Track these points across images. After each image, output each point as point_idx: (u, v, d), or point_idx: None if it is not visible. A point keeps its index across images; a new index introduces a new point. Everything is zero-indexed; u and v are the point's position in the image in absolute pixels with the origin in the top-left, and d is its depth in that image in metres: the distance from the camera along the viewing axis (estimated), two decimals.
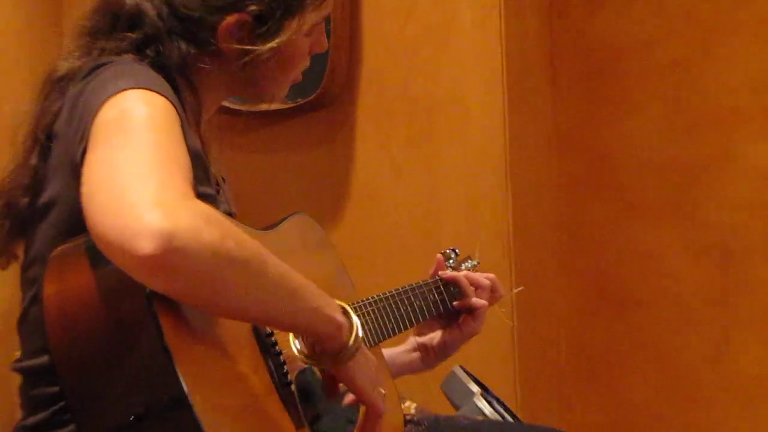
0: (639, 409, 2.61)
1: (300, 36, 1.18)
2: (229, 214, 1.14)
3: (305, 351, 1.04)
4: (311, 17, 1.18)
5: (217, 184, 1.21)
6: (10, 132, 1.10)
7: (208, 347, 1.02)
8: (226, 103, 1.64)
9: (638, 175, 2.54)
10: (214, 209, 0.88)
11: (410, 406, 1.67)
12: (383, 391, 1.11)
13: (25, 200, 1.05)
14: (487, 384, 1.62)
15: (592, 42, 2.50)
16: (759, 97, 2.40)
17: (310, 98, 2.04)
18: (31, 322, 1.03)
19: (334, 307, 1.01)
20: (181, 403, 0.86)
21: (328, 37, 1.55)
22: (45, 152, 1.04)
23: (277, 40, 1.13)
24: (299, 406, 1.11)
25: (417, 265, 1.59)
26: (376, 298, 1.40)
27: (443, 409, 1.52)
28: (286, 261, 1.01)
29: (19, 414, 1.04)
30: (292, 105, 2.03)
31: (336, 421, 1.19)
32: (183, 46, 1.11)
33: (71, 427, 0.94)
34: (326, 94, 2.05)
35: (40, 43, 2.10)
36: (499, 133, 2.04)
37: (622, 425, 2.65)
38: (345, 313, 1.03)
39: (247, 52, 1.12)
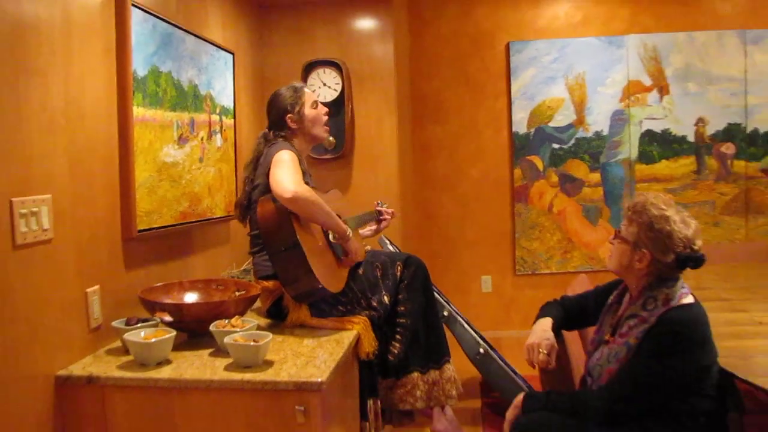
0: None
1: (309, 108, 2.79)
2: (313, 188, 2.54)
3: (334, 237, 2.67)
4: (306, 102, 2.78)
5: (309, 178, 2.67)
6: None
7: (306, 230, 2.49)
8: (312, 154, 4.15)
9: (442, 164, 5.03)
10: (309, 187, 2.42)
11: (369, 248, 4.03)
12: (357, 247, 2.71)
13: (247, 189, 2.72)
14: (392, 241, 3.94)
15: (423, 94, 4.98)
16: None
17: (338, 154, 4.16)
18: (252, 223, 2.68)
19: (342, 223, 2.58)
20: (298, 245, 2.39)
21: (341, 129, 4.02)
22: (255, 167, 2.73)
23: (299, 111, 2.76)
24: (333, 249, 2.69)
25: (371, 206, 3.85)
26: (359, 214, 3.12)
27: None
28: (328, 202, 2.52)
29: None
30: (331, 156, 4.16)
31: (339, 252, 2.67)
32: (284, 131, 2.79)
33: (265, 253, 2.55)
34: (343, 153, 4.17)
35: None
36: (395, 159, 4.30)
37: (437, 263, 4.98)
38: (346, 225, 2.62)
39: (298, 122, 2.78)
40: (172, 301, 2.50)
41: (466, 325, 3.65)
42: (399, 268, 2.84)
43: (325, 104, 4.05)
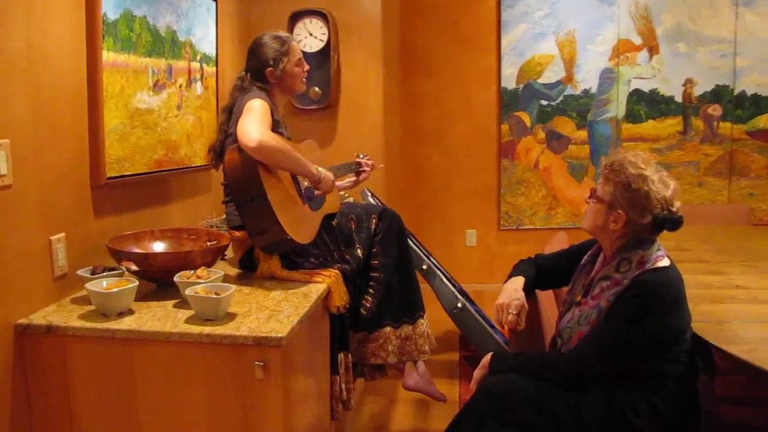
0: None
1: (291, 66, 2.59)
2: (288, 139, 2.53)
3: (307, 182, 2.50)
4: (291, 59, 2.58)
5: (284, 128, 2.56)
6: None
7: (275, 179, 2.28)
8: (296, 104, 4.00)
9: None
10: (277, 134, 2.29)
11: (349, 200, 3.91)
12: (330, 191, 2.52)
13: (221, 137, 2.56)
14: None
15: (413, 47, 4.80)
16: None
17: (323, 105, 4.04)
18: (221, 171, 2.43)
19: (312, 166, 2.38)
20: (264, 195, 2.19)
21: (327, 80, 3.85)
22: (228, 116, 2.52)
23: (282, 68, 2.55)
24: (305, 197, 2.48)
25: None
26: (337, 165, 2.87)
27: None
28: (300, 152, 2.37)
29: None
30: (316, 107, 4.03)
31: (316, 202, 2.53)
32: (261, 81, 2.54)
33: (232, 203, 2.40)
34: (328, 104, 4.03)
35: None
36: (380, 112, 4.15)
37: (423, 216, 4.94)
38: (317, 167, 2.42)
39: (277, 78, 2.56)
40: (139, 250, 2.38)
41: (444, 279, 3.55)
42: (374, 221, 2.71)
43: (310, 54, 3.94)
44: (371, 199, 3.62)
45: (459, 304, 3.43)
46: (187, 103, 3.07)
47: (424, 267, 3.54)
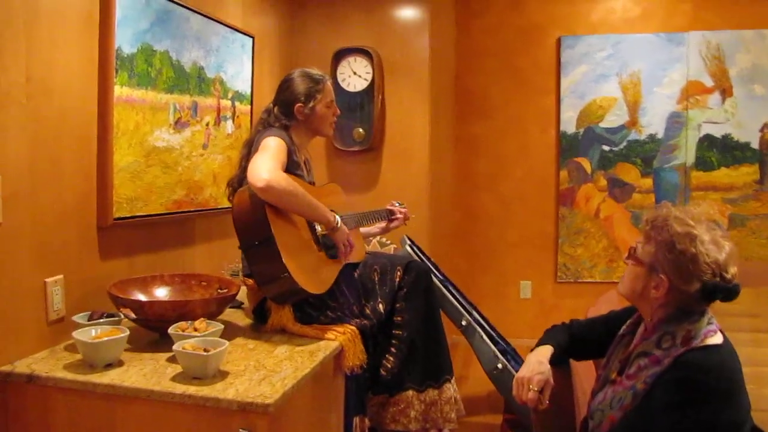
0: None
1: (322, 106, 2.45)
2: (310, 182, 2.44)
3: (322, 229, 2.34)
4: (323, 99, 2.44)
5: (305, 171, 2.43)
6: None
7: (286, 223, 2.15)
8: (338, 145, 3.86)
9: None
10: (287, 175, 2.10)
11: (388, 244, 3.70)
12: (351, 244, 2.33)
13: (239, 173, 2.37)
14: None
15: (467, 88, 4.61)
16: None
17: (366, 147, 3.89)
18: None
19: (329, 212, 2.23)
20: (271, 239, 2.06)
21: (370, 120, 3.69)
22: (249, 150, 2.33)
23: (312, 107, 2.40)
24: (321, 244, 2.34)
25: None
26: (367, 211, 2.77)
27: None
28: (320, 197, 2.24)
29: None
30: (359, 148, 3.89)
31: (331, 249, 2.36)
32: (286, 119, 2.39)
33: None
34: (371, 146, 3.88)
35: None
36: (426, 155, 3.94)
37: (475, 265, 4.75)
38: (333, 214, 2.27)
39: (306, 116, 2.41)
40: (143, 295, 2.26)
41: (485, 337, 3.30)
42: (399, 273, 2.52)
43: (354, 93, 3.82)
44: (408, 248, 3.42)
45: (499, 365, 3.17)
46: (214, 141, 2.98)
47: (463, 323, 3.31)
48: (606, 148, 4.70)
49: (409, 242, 3.54)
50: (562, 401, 1.95)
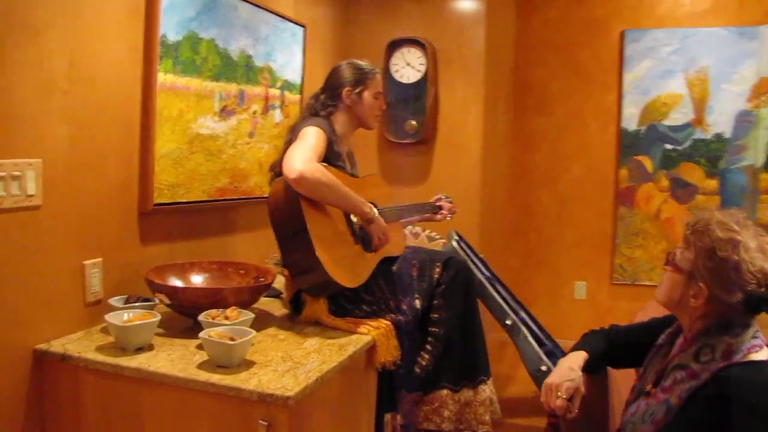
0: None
1: (370, 95, 2.45)
2: (352, 174, 2.40)
3: (358, 220, 2.30)
4: (372, 88, 2.44)
5: (347, 162, 2.40)
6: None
7: (322, 214, 2.12)
8: (390, 137, 3.82)
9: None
10: (324, 166, 2.09)
11: (437, 239, 3.63)
12: (386, 237, 2.30)
13: (281, 157, 2.20)
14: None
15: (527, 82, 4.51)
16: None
17: (417, 139, 3.83)
18: None
19: (365, 203, 2.20)
20: (305, 230, 2.04)
21: (422, 112, 3.64)
22: (291, 141, 2.25)
23: (359, 92, 2.40)
24: (358, 237, 2.29)
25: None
26: (410, 204, 2.77)
27: None
28: (361, 189, 2.21)
29: None
30: (411, 141, 3.83)
31: (368, 242, 2.32)
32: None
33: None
34: (424, 138, 3.82)
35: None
36: (479, 149, 3.86)
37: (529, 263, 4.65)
38: (370, 205, 2.23)
39: (353, 101, 2.42)
40: (178, 281, 2.29)
41: (530, 338, 3.22)
42: (437, 269, 2.46)
43: (407, 85, 3.78)
44: (455, 244, 3.36)
45: (543, 367, 3.09)
46: (261, 130, 2.98)
47: (508, 322, 3.24)
48: (669, 146, 4.51)
49: (456, 237, 3.48)
50: (594, 410, 1.87)
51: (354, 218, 2.35)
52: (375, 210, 2.30)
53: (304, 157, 2.10)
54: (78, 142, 2.05)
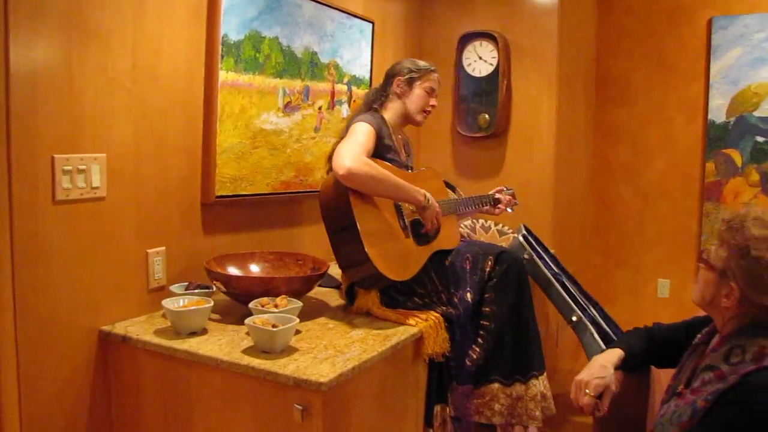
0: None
1: (420, 88, 2.50)
2: (407, 166, 2.48)
3: (412, 212, 2.37)
4: (424, 82, 2.49)
5: (400, 154, 2.45)
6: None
7: (372, 209, 2.18)
8: (462, 131, 3.82)
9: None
10: (373, 159, 2.17)
11: (509, 232, 3.59)
12: (439, 221, 2.34)
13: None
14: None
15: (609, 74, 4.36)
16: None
17: (489, 132, 3.80)
18: None
19: (419, 191, 2.25)
20: (353, 225, 2.11)
21: (495, 106, 3.62)
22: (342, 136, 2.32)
23: (409, 81, 2.47)
24: (409, 231, 2.34)
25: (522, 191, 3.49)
26: (462, 198, 2.73)
27: None
28: (414, 182, 2.29)
29: None
30: (483, 134, 3.80)
31: (424, 237, 2.39)
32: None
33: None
34: (496, 132, 3.79)
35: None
36: (552, 143, 3.78)
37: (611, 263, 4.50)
38: (423, 192, 2.26)
39: (402, 90, 2.49)
40: (236, 270, 2.39)
41: (596, 336, 3.15)
42: (489, 263, 2.46)
43: (480, 78, 3.77)
44: (521, 238, 3.33)
45: None
46: (327, 125, 3.06)
47: (573, 319, 3.18)
48: (761, 139, 4.27)
49: (524, 231, 3.45)
50: (629, 409, 1.82)
51: (405, 212, 2.38)
52: (430, 196, 2.32)
53: (352, 153, 2.15)
54: (142, 138, 2.18)
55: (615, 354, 1.84)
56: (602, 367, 1.78)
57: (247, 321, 1.93)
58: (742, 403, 1.42)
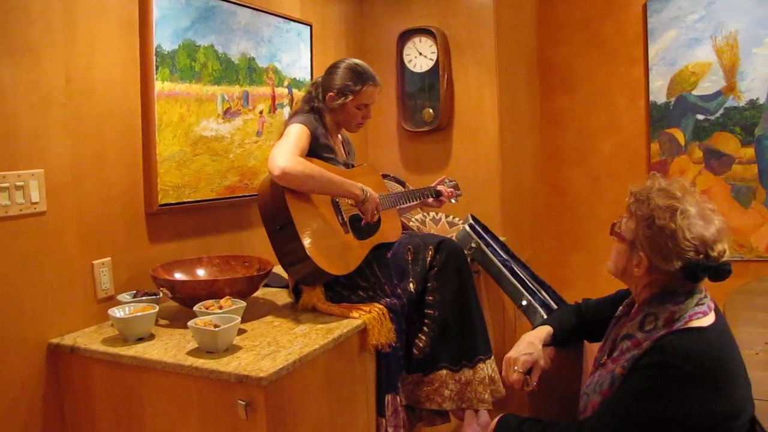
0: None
1: (352, 106, 2.53)
2: (346, 164, 2.59)
3: (351, 202, 2.44)
4: (357, 100, 2.51)
5: (338, 153, 2.54)
6: None
7: (309, 207, 2.27)
8: (407, 127, 3.93)
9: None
10: (302, 159, 2.22)
11: (458, 223, 3.71)
12: (378, 210, 2.42)
13: None
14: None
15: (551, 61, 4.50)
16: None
17: (434, 126, 3.90)
18: None
19: (355, 185, 2.32)
20: (291, 223, 2.19)
21: (438, 100, 3.72)
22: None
23: (341, 103, 2.50)
24: (347, 224, 2.43)
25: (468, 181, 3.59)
26: (402, 191, 2.91)
27: None
28: (352, 178, 2.39)
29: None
30: (428, 129, 3.91)
31: (363, 231, 2.47)
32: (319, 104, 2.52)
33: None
34: (441, 125, 3.89)
35: None
36: (496, 132, 3.92)
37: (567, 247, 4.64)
38: (361, 186, 2.35)
39: (334, 108, 2.52)
40: (182, 276, 2.46)
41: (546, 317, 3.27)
42: (430, 252, 2.56)
43: (421, 74, 3.87)
44: (467, 227, 3.43)
45: None
46: (270, 129, 3.14)
47: (523, 303, 3.30)
48: (700, 117, 4.44)
49: (471, 221, 3.55)
50: (563, 384, 1.93)
51: (344, 208, 2.47)
52: (367, 189, 2.41)
53: (285, 153, 2.24)
54: (80, 151, 2.24)
55: (544, 330, 1.94)
56: (530, 344, 1.88)
57: (189, 323, 2.00)
58: (655, 366, 1.51)
